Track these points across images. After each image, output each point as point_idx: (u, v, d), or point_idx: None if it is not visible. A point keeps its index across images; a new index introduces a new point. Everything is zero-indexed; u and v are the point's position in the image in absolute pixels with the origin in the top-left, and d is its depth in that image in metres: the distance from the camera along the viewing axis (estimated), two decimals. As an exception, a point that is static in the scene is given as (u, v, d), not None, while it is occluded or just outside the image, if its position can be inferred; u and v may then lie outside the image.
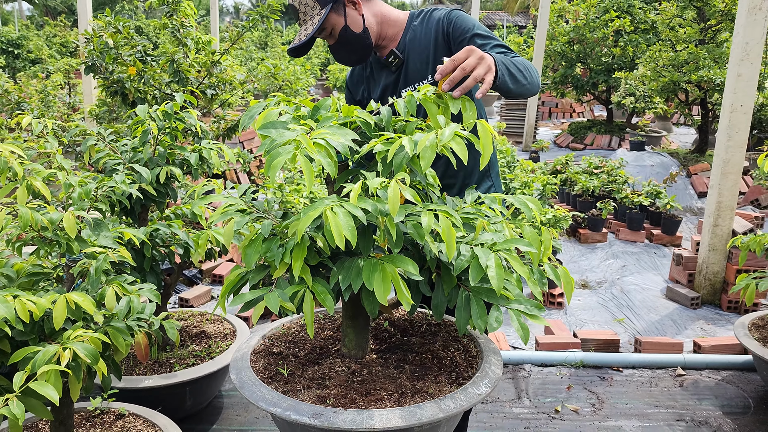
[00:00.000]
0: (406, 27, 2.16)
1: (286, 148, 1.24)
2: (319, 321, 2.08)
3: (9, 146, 1.73)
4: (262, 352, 1.83)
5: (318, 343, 1.91)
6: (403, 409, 1.49)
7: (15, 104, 4.99)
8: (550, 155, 9.36)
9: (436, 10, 2.14)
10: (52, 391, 1.37)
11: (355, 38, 2.06)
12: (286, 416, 1.47)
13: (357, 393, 1.60)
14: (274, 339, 1.93)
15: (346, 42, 2.07)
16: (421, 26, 2.12)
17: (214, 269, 4.57)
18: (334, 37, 2.06)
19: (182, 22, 4.29)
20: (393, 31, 2.16)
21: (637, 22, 9.85)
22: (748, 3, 3.81)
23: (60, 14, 26.07)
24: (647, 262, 5.02)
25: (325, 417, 1.45)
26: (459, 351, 1.88)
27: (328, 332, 1.99)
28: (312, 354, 1.83)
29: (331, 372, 1.70)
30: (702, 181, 7.16)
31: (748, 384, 3.24)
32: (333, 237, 1.24)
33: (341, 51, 2.11)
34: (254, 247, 1.46)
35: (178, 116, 2.50)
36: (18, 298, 1.58)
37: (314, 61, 18.12)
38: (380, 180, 1.35)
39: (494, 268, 1.41)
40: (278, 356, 1.81)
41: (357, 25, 2.06)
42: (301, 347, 1.87)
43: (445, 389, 1.64)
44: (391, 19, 2.15)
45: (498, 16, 31.66)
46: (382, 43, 2.16)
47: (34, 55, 14.13)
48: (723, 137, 4.02)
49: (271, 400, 1.52)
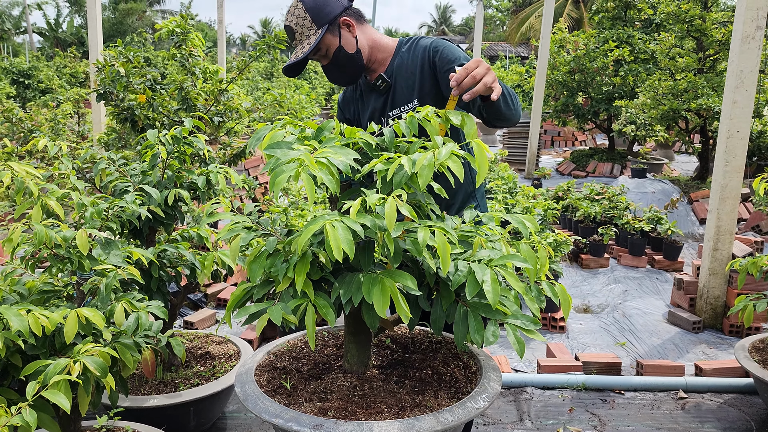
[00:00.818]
0: (394, 53, 2.26)
1: (289, 166, 1.31)
2: (323, 338, 2.12)
3: (25, 167, 1.80)
4: (267, 367, 1.87)
5: (321, 358, 1.95)
6: (402, 421, 1.53)
7: (27, 132, 5.10)
8: (553, 182, 9.43)
9: (423, 39, 2.24)
10: (63, 399, 1.42)
11: (348, 59, 2.16)
12: (287, 427, 1.51)
13: (357, 406, 1.63)
14: (279, 354, 1.98)
15: (339, 62, 2.16)
16: (409, 53, 2.22)
17: (218, 293, 4.62)
18: (327, 57, 2.15)
19: (191, 51, 4.42)
20: (382, 56, 2.26)
21: (636, 52, 10.02)
22: (742, 32, 3.92)
23: (70, 46, 26.59)
24: (649, 287, 5.05)
25: (326, 428, 1.49)
26: (459, 367, 1.92)
27: (332, 348, 2.03)
28: (315, 369, 1.87)
29: (333, 386, 1.74)
30: (703, 208, 7.20)
31: (750, 407, 3.25)
32: (332, 250, 1.30)
33: (334, 71, 2.20)
34: (259, 262, 1.52)
35: (187, 140, 2.59)
36: (31, 312, 1.64)
37: (319, 91, 18.39)
38: (378, 196, 1.41)
39: (490, 283, 1.46)
40: (282, 371, 1.85)
41: (350, 46, 2.15)
42: (304, 362, 1.91)
43: (444, 403, 1.67)
44: (381, 44, 2.25)
45: (500, 47, 32.11)
46: (371, 66, 2.26)
47: (45, 85, 14.40)
48: (720, 163, 4.08)
49: (274, 411, 1.56)
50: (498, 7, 35.59)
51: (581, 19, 26.85)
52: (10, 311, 1.60)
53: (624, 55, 9.70)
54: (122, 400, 2.50)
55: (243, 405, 1.67)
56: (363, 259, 1.53)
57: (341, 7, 2.11)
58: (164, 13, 41.18)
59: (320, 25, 2.09)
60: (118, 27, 35.08)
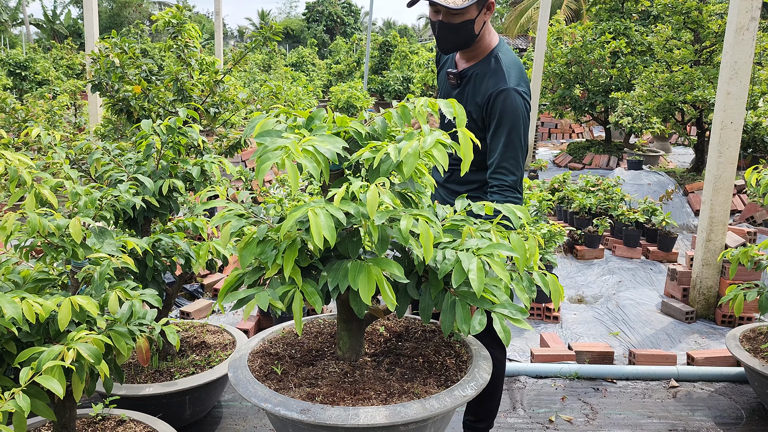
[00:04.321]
0: (486, 56, 2.28)
1: (275, 154, 1.33)
2: (318, 325, 2.14)
3: (19, 156, 1.81)
4: (260, 353, 1.90)
5: (315, 345, 1.97)
6: (388, 407, 1.55)
7: (22, 122, 5.11)
8: (549, 174, 9.45)
9: (501, 75, 2.21)
10: (56, 384, 1.44)
11: (466, 34, 2.19)
12: (275, 411, 1.53)
13: (346, 392, 1.66)
14: (273, 341, 2.00)
15: (457, 30, 2.18)
16: (487, 76, 2.24)
17: (215, 284, 4.64)
18: (453, 18, 2.16)
19: (186, 42, 4.42)
20: (476, 52, 2.29)
21: (633, 44, 10.01)
22: (736, 23, 3.92)
23: (67, 38, 26.48)
24: (643, 278, 5.08)
25: (313, 413, 1.51)
26: (450, 356, 1.94)
27: (326, 336, 2.06)
28: (308, 356, 1.90)
29: (324, 372, 1.77)
30: (698, 199, 7.23)
31: (741, 396, 3.28)
32: (313, 237, 1.32)
33: (447, 32, 2.19)
34: (249, 249, 1.54)
35: (181, 131, 2.60)
36: (25, 299, 1.65)
37: (316, 83, 18.36)
38: (361, 184, 1.43)
39: (475, 272, 1.48)
40: (275, 357, 1.87)
41: (477, 26, 2.19)
42: (297, 349, 1.94)
43: (432, 390, 1.70)
44: (484, 41, 2.27)
45: (499, 39, 31.99)
46: (466, 53, 2.31)
47: (41, 77, 14.36)
48: (714, 154, 4.10)
49: (263, 396, 1.59)
50: (496, -1, 35.45)
51: (580, 10, 26.78)
52: (4, 299, 1.62)
53: (621, 47, 9.69)
54: (118, 389, 2.52)
55: (235, 390, 1.69)
56: (350, 247, 1.55)
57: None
58: (161, 5, 40.99)
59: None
60: (115, 18, 34.92)
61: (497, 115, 2.18)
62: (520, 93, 2.18)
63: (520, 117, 2.17)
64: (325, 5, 38.97)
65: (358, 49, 22.22)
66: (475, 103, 2.25)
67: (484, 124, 2.26)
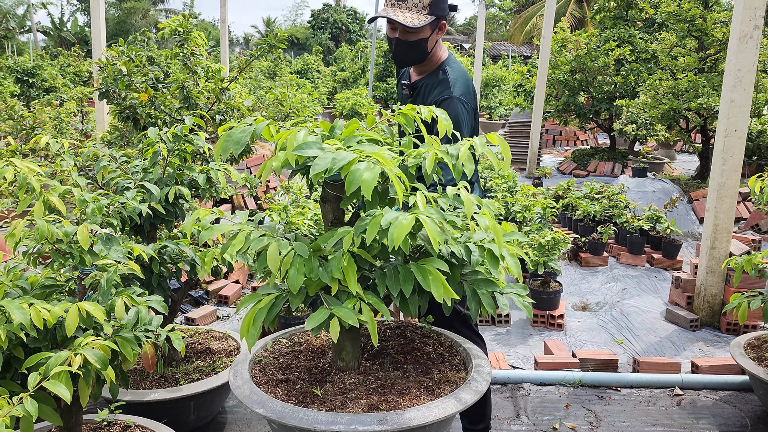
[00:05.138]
0: (434, 69, 2.45)
1: (366, 165, 1.40)
2: (306, 333, 2.16)
3: (28, 163, 1.84)
4: (264, 357, 1.91)
5: (319, 349, 1.98)
6: (431, 405, 1.60)
7: (30, 130, 5.16)
8: (553, 181, 9.46)
9: (446, 85, 2.38)
10: (64, 389, 1.45)
11: (419, 51, 2.37)
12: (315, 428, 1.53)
13: (391, 394, 1.68)
14: (277, 346, 2.02)
15: (410, 46, 2.35)
16: (434, 86, 2.42)
17: (219, 290, 4.66)
18: (407, 36, 2.34)
19: (193, 50, 4.46)
20: (426, 67, 2.47)
21: (637, 52, 10.03)
22: (739, 31, 3.94)
23: (74, 45, 26.67)
24: (647, 285, 5.07)
25: (391, 421, 1.53)
26: (437, 344, 2.03)
27: (322, 340, 2.07)
28: (314, 361, 1.91)
29: (345, 382, 1.77)
30: (703, 207, 7.22)
31: (746, 404, 3.27)
32: (395, 240, 1.41)
33: (402, 49, 2.37)
34: (296, 268, 1.53)
35: (188, 138, 2.62)
36: (33, 305, 1.68)
37: (321, 90, 18.44)
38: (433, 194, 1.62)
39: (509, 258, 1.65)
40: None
41: (429, 44, 2.38)
42: (302, 357, 1.95)
43: (453, 375, 1.78)
44: (435, 57, 2.44)
45: (503, 47, 32.11)
46: (417, 67, 2.50)
47: (49, 84, 14.47)
48: (718, 161, 4.11)
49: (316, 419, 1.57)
50: (501, 7, 35.57)
51: (584, 18, 26.82)
52: (12, 305, 1.64)
53: (625, 55, 9.71)
54: (123, 394, 2.53)
55: (236, 396, 1.70)
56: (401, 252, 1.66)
57: (447, 12, 2.34)
58: (168, 12, 41.24)
59: (432, 13, 2.29)
60: (122, 26, 35.15)
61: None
62: (462, 102, 2.34)
63: (462, 123, 2.32)
64: (330, 13, 39.15)
65: (363, 56, 22.31)
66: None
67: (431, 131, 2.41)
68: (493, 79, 19.34)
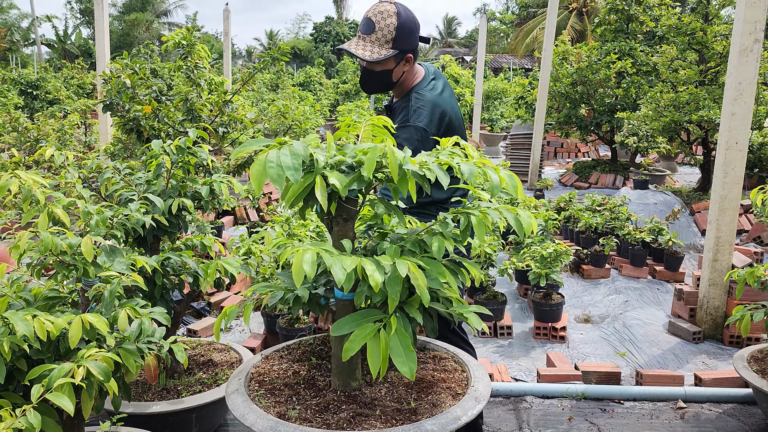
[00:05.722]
0: (405, 94, 2.54)
1: None
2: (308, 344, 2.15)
3: (32, 175, 1.85)
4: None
5: (316, 363, 1.98)
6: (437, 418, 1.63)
7: (33, 142, 5.18)
8: (555, 193, 9.47)
9: (407, 112, 2.47)
10: (67, 401, 1.45)
11: (384, 81, 2.47)
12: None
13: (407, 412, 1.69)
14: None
15: (376, 78, 2.45)
16: (401, 109, 2.51)
17: (222, 302, 4.66)
18: (373, 67, 2.42)
19: (196, 63, 4.49)
20: (399, 90, 2.58)
21: (638, 64, 10.07)
22: (740, 45, 3.96)
23: (77, 57, 26.85)
24: (650, 298, 5.06)
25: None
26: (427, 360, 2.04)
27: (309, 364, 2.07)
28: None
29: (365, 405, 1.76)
30: (705, 219, 7.21)
31: (749, 417, 3.26)
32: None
33: (368, 78, 2.48)
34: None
35: (191, 150, 2.64)
36: (36, 317, 1.68)
37: (324, 102, 18.51)
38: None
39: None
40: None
41: (396, 75, 2.47)
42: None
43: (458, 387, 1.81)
44: (408, 79, 2.55)
45: (504, 59, 32.26)
46: (395, 90, 2.60)
47: (52, 96, 14.55)
48: (720, 174, 4.11)
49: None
50: (502, 20, 35.78)
51: (585, 31, 26.96)
52: (16, 316, 1.65)
53: (626, 67, 9.75)
54: (125, 406, 2.53)
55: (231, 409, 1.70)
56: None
57: (415, 45, 2.40)
58: (171, 25, 41.51)
59: (395, 47, 2.35)
60: (125, 38, 35.36)
61: (399, 146, 2.41)
62: (416, 128, 2.40)
63: (416, 150, 2.33)
64: (333, 26, 39.39)
65: (365, 68, 22.36)
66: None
67: None
68: (495, 91, 19.41)
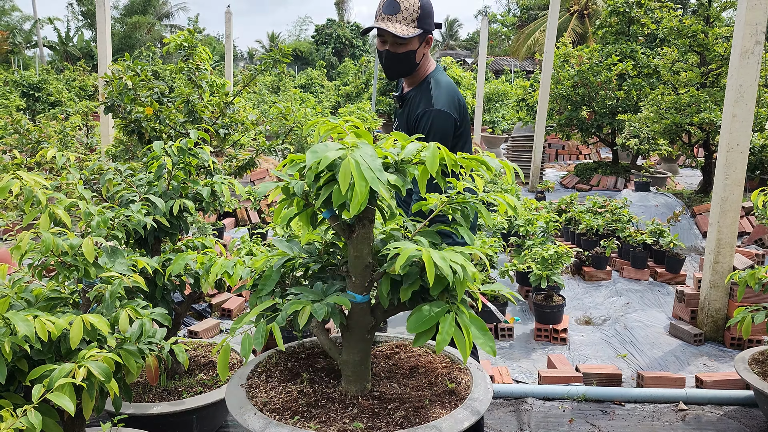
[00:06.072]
0: (421, 81, 2.56)
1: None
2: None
3: (34, 176, 1.86)
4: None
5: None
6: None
7: (35, 143, 5.19)
8: (556, 195, 9.46)
9: (430, 97, 2.50)
10: (68, 402, 1.46)
11: (408, 63, 2.48)
12: None
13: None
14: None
15: (400, 59, 2.46)
16: (420, 97, 2.52)
17: (222, 303, 4.66)
18: (397, 48, 2.44)
19: (197, 65, 4.49)
20: (415, 79, 2.59)
21: (639, 67, 10.08)
22: (741, 47, 3.96)
23: (79, 60, 26.90)
24: (651, 300, 5.06)
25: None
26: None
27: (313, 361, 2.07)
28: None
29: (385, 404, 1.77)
30: (706, 221, 7.21)
31: (750, 419, 3.25)
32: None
33: (391, 61, 2.49)
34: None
35: (192, 152, 2.64)
36: (38, 318, 1.68)
37: (325, 104, 18.52)
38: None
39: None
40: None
41: (417, 57, 2.49)
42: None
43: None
44: (422, 69, 2.56)
45: (506, 62, 32.28)
46: (408, 78, 2.61)
47: (54, 98, 14.58)
48: (721, 176, 4.11)
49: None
50: (503, 22, 35.80)
51: (585, 33, 26.98)
52: (17, 317, 1.65)
53: (627, 70, 9.75)
54: (126, 407, 2.53)
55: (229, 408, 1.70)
56: None
57: (434, 27, 2.48)
58: (173, 28, 41.55)
59: (420, 26, 2.39)
60: (127, 41, 35.40)
61: (425, 133, 2.43)
62: (442, 113, 2.44)
63: (442, 134, 2.44)
64: (334, 28, 39.44)
65: (367, 71, 22.42)
66: (411, 121, 2.53)
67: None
68: (496, 93, 19.42)
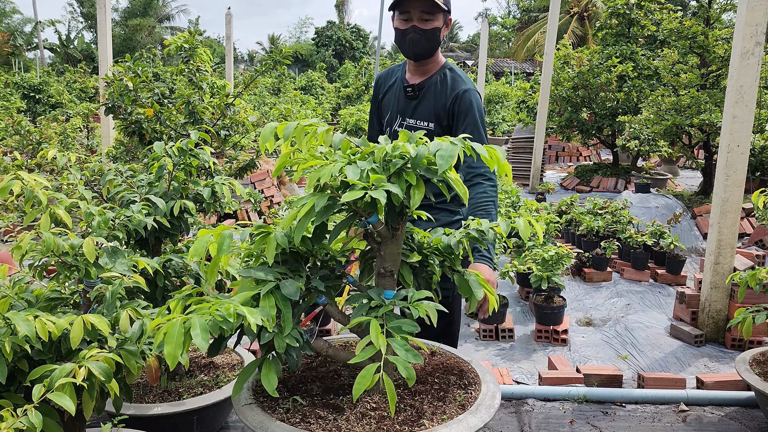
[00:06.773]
0: (438, 69, 2.55)
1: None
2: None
3: (35, 176, 1.86)
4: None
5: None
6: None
7: (36, 145, 5.19)
8: (557, 197, 9.47)
9: (460, 80, 2.51)
10: (68, 401, 1.45)
11: (433, 40, 2.46)
12: None
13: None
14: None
15: (430, 38, 2.45)
16: (447, 81, 2.52)
17: (223, 305, 4.65)
18: (425, 24, 2.43)
19: (198, 67, 4.50)
20: (429, 66, 2.55)
21: (640, 68, 10.08)
22: (741, 48, 3.96)
23: (80, 62, 26.94)
24: (651, 301, 5.06)
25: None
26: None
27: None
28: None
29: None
30: (707, 222, 7.21)
31: (751, 420, 3.25)
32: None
33: (420, 37, 2.44)
34: None
35: (193, 152, 2.64)
36: (38, 318, 1.68)
37: (325, 106, 18.54)
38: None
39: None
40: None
41: (441, 35, 2.50)
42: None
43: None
44: (436, 58, 2.55)
45: (506, 63, 32.30)
46: (419, 66, 2.55)
47: (55, 100, 14.60)
48: (721, 177, 4.11)
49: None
50: (503, 24, 35.83)
51: (586, 35, 27.00)
52: (17, 317, 1.65)
53: (627, 71, 9.76)
54: (126, 408, 2.53)
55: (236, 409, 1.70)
56: None
57: (451, 12, 2.51)
58: (173, 29, 41.61)
59: (446, 4, 2.42)
60: (128, 42, 35.46)
61: (466, 110, 2.44)
62: (479, 93, 2.49)
63: (483, 113, 2.49)
64: (334, 30, 39.49)
65: (367, 72, 22.45)
66: (440, 107, 2.49)
67: (448, 123, 2.50)
68: (496, 95, 19.44)
